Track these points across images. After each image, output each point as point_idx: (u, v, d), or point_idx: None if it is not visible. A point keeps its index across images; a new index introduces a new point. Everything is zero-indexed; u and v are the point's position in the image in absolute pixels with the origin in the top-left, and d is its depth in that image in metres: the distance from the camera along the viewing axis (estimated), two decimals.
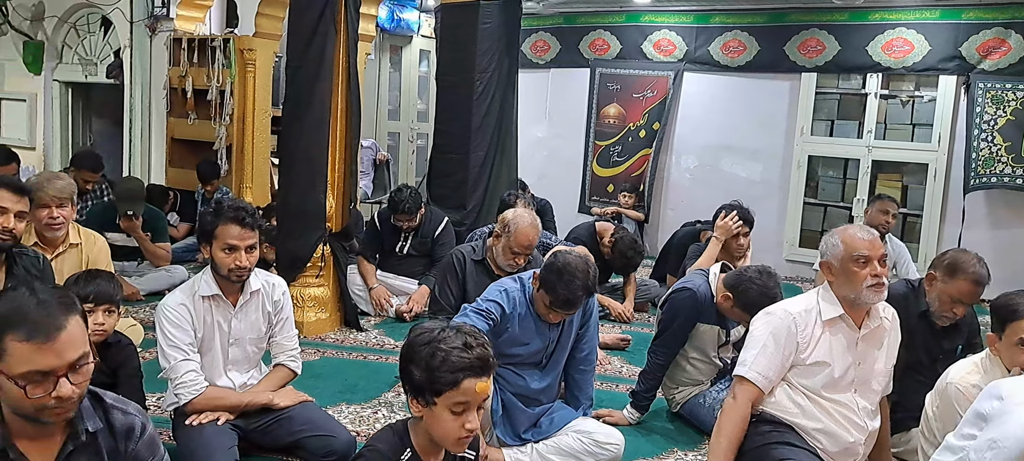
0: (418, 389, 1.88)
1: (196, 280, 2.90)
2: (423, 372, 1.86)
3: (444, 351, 1.84)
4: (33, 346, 1.54)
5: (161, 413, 3.20)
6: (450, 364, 1.83)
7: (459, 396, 1.84)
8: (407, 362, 1.92)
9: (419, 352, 1.88)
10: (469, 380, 1.84)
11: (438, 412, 1.86)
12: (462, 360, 1.84)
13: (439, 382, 1.84)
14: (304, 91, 4.57)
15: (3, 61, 8.54)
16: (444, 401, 1.85)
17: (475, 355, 1.86)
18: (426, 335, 1.90)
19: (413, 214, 5.22)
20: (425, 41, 9.56)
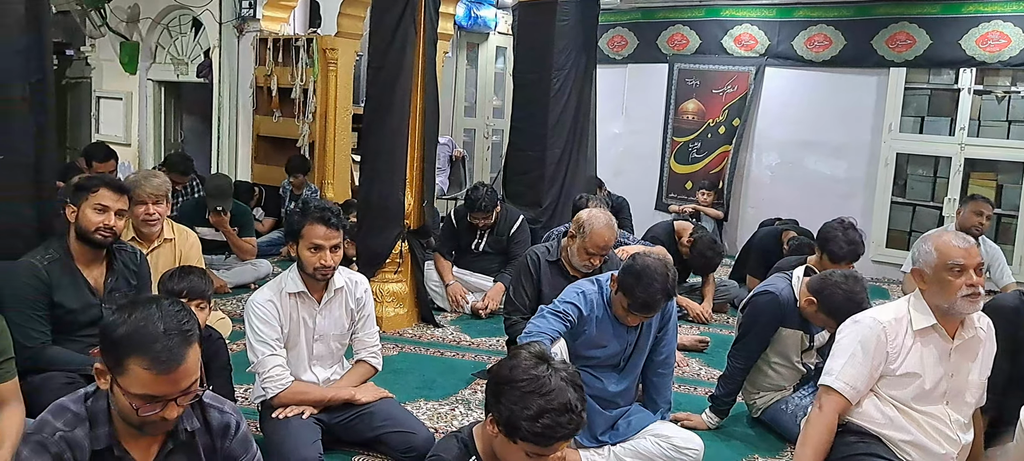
0: (503, 419, 1.86)
1: (283, 277, 2.98)
2: (514, 415, 1.83)
3: (549, 416, 1.81)
4: (152, 375, 1.64)
5: (249, 405, 3.32)
6: (549, 434, 1.81)
7: (543, 451, 1.85)
8: (501, 386, 1.89)
9: (516, 390, 1.85)
10: (557, 443, 1.84)
11: (514, 451, 1.87)
12: (559, 432, 1.82)
13: (529, 436, 1.82)
14: (385, 92, 4.65)
15: (102, 61, 8.97)
16: (525, 446, 1.85)
17: (573, 427, 1.83)
18: (531, 384, 1.85)
19: (489, 212, 5.26)
20: (502, 38, 9.61)
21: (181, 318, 1.69)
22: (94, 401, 1.77)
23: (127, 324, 1.65)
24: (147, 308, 1.68)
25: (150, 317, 1.66)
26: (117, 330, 1.66)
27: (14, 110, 3.27)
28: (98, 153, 5.80)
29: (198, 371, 1.74)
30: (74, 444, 1.72)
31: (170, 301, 1.74)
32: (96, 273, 3.13)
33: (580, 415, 1.85)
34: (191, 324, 1.71)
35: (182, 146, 9.09)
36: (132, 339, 1.64)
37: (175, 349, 1.65)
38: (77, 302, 3.05)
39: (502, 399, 1.87)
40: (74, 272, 3.06)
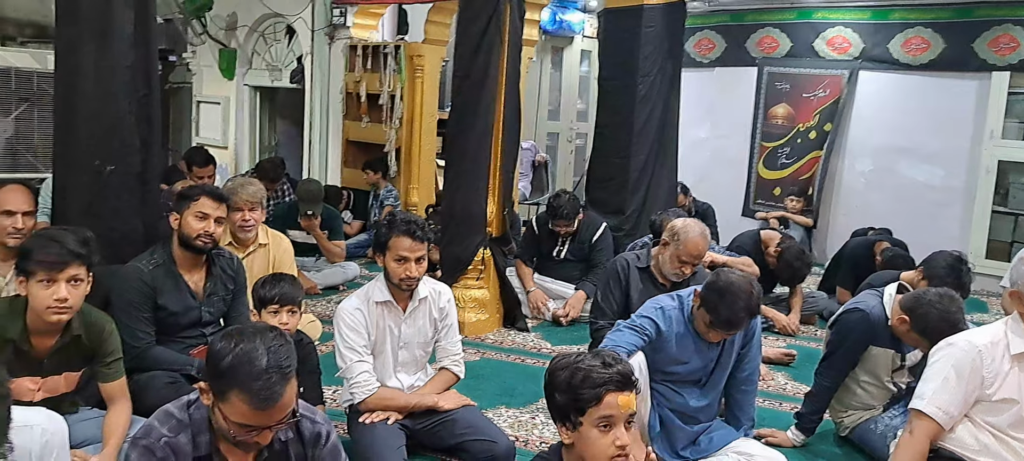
0: (563, 413, 1.90)
1: (370, 287, 3.07)
2: (565, 393, 1.88)
3: (584, 370, 1.87)
4: (252, 410, 1.73)
5: (337, 407, 3.43)
6: (591, 380, 1.85)
7: (603, 411, 1.84)
8: (550, 390, 1.95)
9: (559, 376, 1.91)
10: (611, 394, 1.85)
11: (586, 432, 1.87)
12: (603, 375, 1.86)
13: (582, 399, 1.86)
14: (470, 100, 4.71)
15: (202, 67, 9.38)
16: (589, 419, 1.86)
17: (616, 371, 1.87)
18: (564, 361, 1.94)
19: (571, 220, 5.26)
20: (587, 41, 9.59)
21: (281, 354, 1.77)
22: (195, 409, 1.88)
23: (232, 355, 1.74)
24: (252, 340, 1.77)
25: (254, 351, 1.74)
26: (223, 360, 1.75)
27: (123, 124, 3.48)
28: (198, 158, 6.07)
29: (294, 402, 1.82)
30: (177, 450, 1.83)
31: (274, 335, 1.81)
32: (197, 277, 3.30)
33: (624, 364, 1.91)
34: (290, 360, 1.78)
35: (276, 150, 9.42)
36: (236, 373, 1.73)
37: (274, 387, 1.73)
38: (179, 305, 3.22)
39: (553, 394, 1.92)
40: (176, 276, 3.23)
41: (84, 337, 2.62)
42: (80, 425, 2.73)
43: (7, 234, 3.21)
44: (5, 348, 2.47)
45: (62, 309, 2.45)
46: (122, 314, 3.05)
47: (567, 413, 1.89)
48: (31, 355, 2.54)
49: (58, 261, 2.42)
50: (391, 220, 3.00)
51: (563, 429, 1.92)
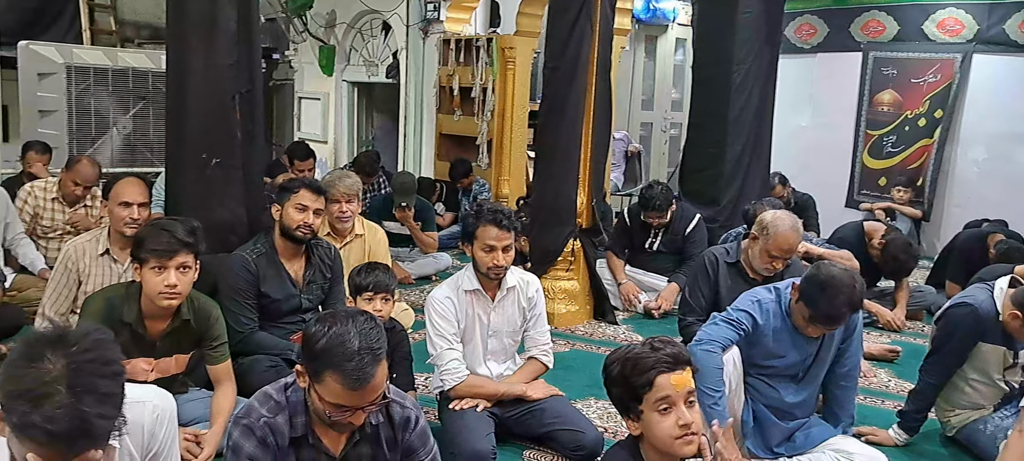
0: (623, 405, 1.92)
1: (460, 275, 3.12)
2: (620, 385, 1.91)
3: (632, 358, 1.90)
4: (345, 390, 1.80)
5: (428, 393, 3.50)
6: (640, 366, 1.87)
7: (658, 393, 1.85)
8: (607, 387, 1.97)
9: (612, 371, 1.94)
10: (662, 376, 1.85)
11: (648, 418, 1.88)
12: (651, 359, 1.87)
13: (636, 387, 1.87)
14: (560, 92, 4.71)
15: (303, 64, 9.70)
16: (648, 405, 1.87)
17: (665, 352, 1.88)
18: (615, 354, 1.97)
19: (664, 211, 5.19)
20: (681, 29, 9.43)
21: (372, 337, 1.82)
22: (293, 392, 1.96)
23: (326, 338, 1.80)
24: (345, 324, 1.83)
25: (347, 334, 1.80)
26: (318, 342, 1.81)
27: (228, 119, 3.65)
28: (299, 152, 6.30)
29: (385, 385, 1.88)
30: (276, 430, 1.92)
31: (365, 318, 1.87)
32: (297, 266, 3.44)
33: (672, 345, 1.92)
34: (381, 343, 1.84)
35: (372, 143, 9.67)
36: (330, 354, 1.79)
37: (366, 368, 1.79)
38: (280, 292, 3.36)
39: (611, 390, 1.95)
40: (278, 265, 3.37)
41: (193, 322, 2.77)
42: (189, 404, 2.89)
43: (124, 224, 3.41)
44: (122, 331, 2.64)
45: (172, 295, 2.59)
46: (227, 300, 3.21)
47: (627, 405, 1.91)
48: (145, 338, 2.70)
49: (168, 249, 2.56)
50: (478, 209, 3.05)
51: (630, 422, 1.94)
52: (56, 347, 1.39)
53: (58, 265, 3.45)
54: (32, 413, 1.33)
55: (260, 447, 1.90)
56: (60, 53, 6.36)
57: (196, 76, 3.61)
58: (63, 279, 3.40)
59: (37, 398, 1.34)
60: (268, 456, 1.92)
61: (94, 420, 1.37)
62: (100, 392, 1.38)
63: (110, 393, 1.40)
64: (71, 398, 1.35)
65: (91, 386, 1.37)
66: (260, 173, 4.09)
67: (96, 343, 1.42)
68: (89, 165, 4.74)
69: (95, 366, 1.39)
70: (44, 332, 1.43)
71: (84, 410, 1.35)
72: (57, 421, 1.33)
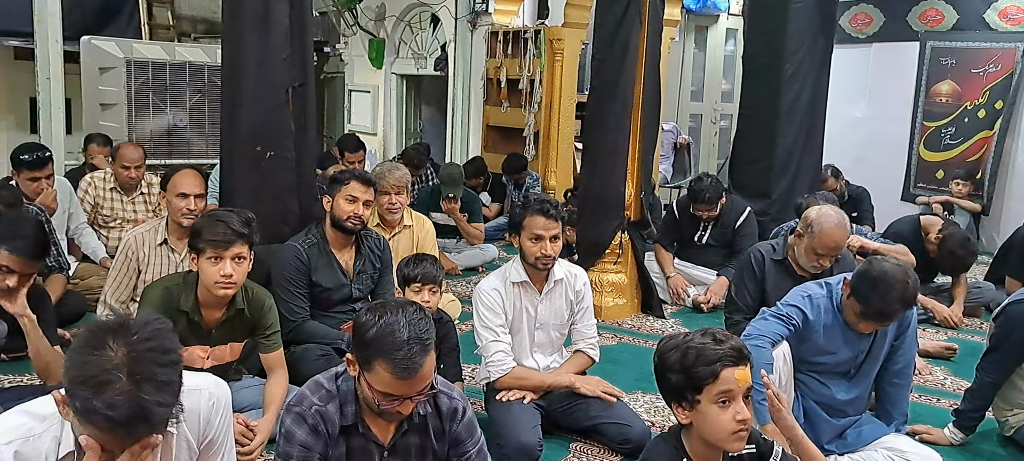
0: (678, 392, 1.91)
1: (507, 267, 3.14)
2: (679, 373, 1.90)
3: (696, 347, 1.89)
4: (394, 379, 1.83)
5: (475, 384, 3.53)
6: (706, 357, 1.86)
7: (722, 386, 1.85)
8: (661, 371, 1.96)
9: (670, 357, 1.93)
10: (728, 369, 1.85)
11: (704, 409, 1.88)
12: (717, 351, 1.87)
13: (698, 377, 1.86)
14: (608, 84, 4.69)
15: (353, 57, 9.82)
16: (707, 396, 1.86)
17: (729, 346, 1.88)
18: (672, 341, 1.96)
19: (713, 204, 5.14)
20: (733, 19, 9.30)
21: (421, 328, 1.85)
22: (343, 381, 2.00)
23: (376, 328, 1.84)
24: (395, 314, 1.86)
25: (396, 324, 1.83)
26: (368, 331, 1.85)
27: (281, 112, 3.72)
28: (350, 144, 6.38)
29: (432, 375, 1.90)
30: (327, 418, 1.96)
31: (415, 309, 1.90)
32: (347, 256, 3.49)
33: (734, 339, 1.93)
34: (429, 333, 1.87)
35: (421, 135, 9.75)
36: (380, 343, 1.82)
37: (415, 358, 1.82)
38: (331, 282, 3.42)
39: (666, 375, 1.94)
40: (329, 255, 3.43)
41: (247, 311, 2.84)
42: (243, 391, 2.96)
43: (181, 214, 3.51)
44: (180, 319, 2.71)
45: (227, 284, 2.66)
46: (280, 290, 3.28)
47: (683, 393, 1.90)
48: (201, 326, 2.78)
49: (224, 240, 2.62)
50: (525, 200, 3.06)
51: (679, 409, 1.93)
52: (118, 336, 1.44)
53: (119, 254, 3.57)
54: (94, 399, 1.39)
55: (312, 434, 1.95)
56: (120, 48, 6.55)
57: (250, 70, 3.69)
58: (123, 268, 3.51)
59: (99, 385, 1.39)
60: (319, 444, 1.96)
61: (152, 407, 1.42)
62: (158, 380, 1.43)
63: (168, 381, 1.45)
64: (131, 385, 1.40)
65: (150, 374, 1.42)
66: (312, 165, 4.17)
67: (155, 332, 1.47)
68: (131, 147, 4.98)
69: (154, 354, 1.44)
70: (106, 321, 1.49)
71: (143, 397, 1.40)
72: (117, 408, 1.39)
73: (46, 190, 4.36)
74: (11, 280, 2.74)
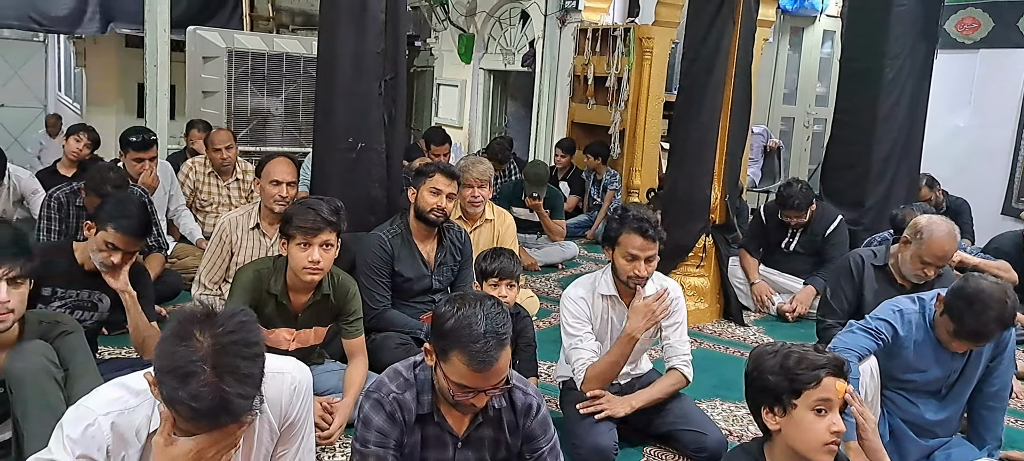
0: (774, 395, 1.89)
1: (597, 277, 3.04)
2: (778, 375, 1.88)
3: (798, 353, 1.89)
4: (469, 370, 1.86)
5: (550, 381, 3.54)
6: (809, 362, 1.86)
7: (822, 393, 1.84)
8: (757, 373, 1.94)
9: (768, 360, 1.92)
10: (830, 377, 1.85)
11: (799, 416, 1.85)
12: (820, 358, 1.87)
13: (799, 381, 1.85)
14: (697, 84, 4.62)
15: (442, 52, 9.96)
16: (805, 401, 1.85)
17: (831, 356, 1.88)
18: (770, 347, 1.95)
19: (803, 211, 5.00)
20: (830, 21, 9.01)
21: (499, 321, 1.88)
22: (421, 370, 2.04)
23: (454, 319, 1.87)
24: (473, 306, 1.89)
25: (474, 316, 1.86)
26: (446, 323, 1.88)
27: (372, 104, 3.81)
28: (436, 137, 6.48)
29: (508, 369, 1.92)
30: (403, 406, 2.01)
31: (492, 302, 1.93)
32: (429, 247, 3.56)
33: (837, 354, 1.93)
34: (506, 328, 1.89)
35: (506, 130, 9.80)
36: (457, 334, 1.86)
37: (491, 351, 1.84)
38: (413, 272, 3.49)
39: (763, 376, 1.92)
40: (412, 246, 3.50)
41: (332, 296, 2.92)
42: (325, 376, 3.05)
43: (274, 201, 3.64)
44: (268, 301, 2.82)
45: (315, 270, 2.74)
46: (364, 278, 3.36)
47: (779, 396, 1.88)
48: (289, 309, 2.88)
49: (313, 227, 2.70)
50: (623, 215, 2.92)
51: (770, 415, 1.91)
52: (204, 327, 1.51)
53: (214, 237, 3.72)
54: (179, 389, 1.47)
55: (388, 421, 2.00)
56: (223, 38, 6.82)
57: (345, 62, 3.79)
58: (218, 250, 3.67)
59: (185, 376, 1.47)
60: (395, 430, 2.00)
61: (234, 399, 1.49)
62: (241, 372, 1.50)
63: (249, 374, 1.52)
64: (215, 377, 1.47)
65: (233, 367, 1.49)
66: (399, 156, 4.25)
67: (240, 325, 1.54)
68: (221, 131, 5.27)
69: (238, 348, 1.51)
70: (194, 310, 1.55)
71: (225, 389, 1.48)
72: (201, 398, 1.47)
73: (149, 170, 4.59)
74: (116, 257, 2.90)
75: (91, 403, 1.68)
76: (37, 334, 2.18)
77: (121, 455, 1.67)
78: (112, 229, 2.85)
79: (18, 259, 2.06)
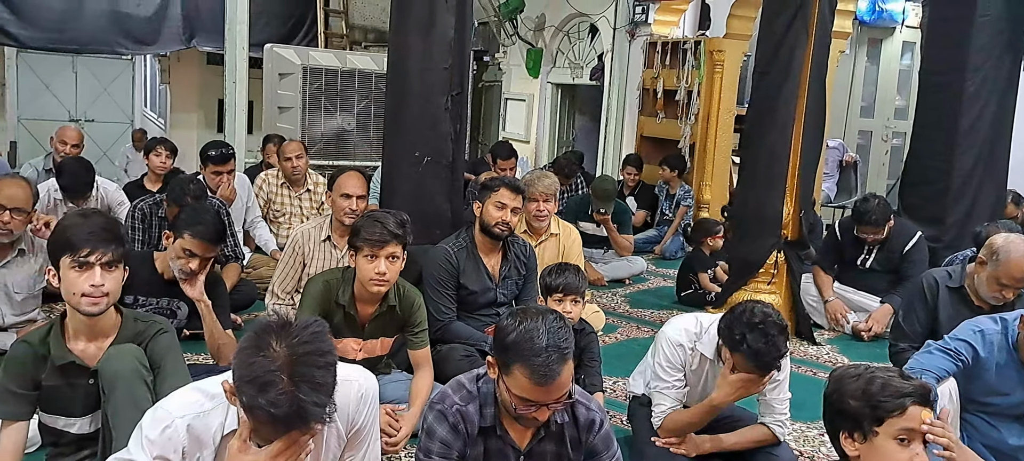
0: (855, 421, 1.84)
1: (701, 331, 2.79)
2: (860, 400, 1.83)
3: (882, 378, 1.83)
4: (531, 384, 1.87)
5: (615, 397, 3.51)
6: (894, 389, 1.80)
7: (906, 422, 1.78)
8: (838, 396, 1.89)
9: (850, 384, 1.86)
10: (915, 406, 1.79)
11: (880, 444, 1.80)
12: (906, 386, 1.81)
13: (882, 408, 1.80)
14: (769, 98, 4.54)
15: (511, 66, 10.04)
16: (888, 429, 1.79)
17: (917, 384, 1.82)
18: (852, 369, 1.89)
19: (880, 227, 4.83)
20: (910, 32, 8.74)
21: (560, 336, 1.88)
22: (484, 383, 2.06)
23: (516, 333, 1.89)
24: (535, 320, 1.90)
25: (536, 331, 1.87)
26: (508, 336, 1.90)
27: (438, 119, 3.87)
28: (502, 151, 6.52)
29: (570, 384, 1.92)
30: (467, 418, 2.02)
31: (555, 317, 1.93)
32: (494, 261, 3.58)
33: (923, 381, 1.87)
34: (568, 343, 1.89)
35: (573, 144, 9.81)
36: (518, 348, 1.87)
37: (553, 365, 1.85)
38: (478, 285, 3.52)
39: (843, 399, 1.87)
40: (477, 259, 3.53)
41: (398, 308, 2.97)
42: (391, 385, 3.10)
43: (344, 213, 3.72)
44: (336, 311, 2.88)
45: (381, 281, 2.79)
46: (430, 290, 3.40)
47: (860, 422, 1.83)
48: (356, 320, 2.93)
49: (379, 240, 2.75)
50: (743, 337, 2.52)
51: (849, 440, 1.87)
52: (280, 337, 1.58)
53: (287, 248, 3.83)
54: (258, 397, 1.54)
55: (452, 433, 2.01)
56: (298, 55, 7.02)
57: (414, 78, 3.86)
58: (291, 261, 3.76)
59: (263, 385, 1.53)
60: (459, 442, 2.02)
61: (309, 407, 1.55)
62: (315, 381, 1.56)
63: (323, 382, 1.58)
64: (291, 386, 1.53)
65: (308, 376, 1.55)
66: (464, 170, 4.30)
67: (314, 335, 1.60)
68: (292, 142, 5.45)
69: (312, 357, 1.57)
70: (271, 322, 1.62)
71: (301, 398, 1.54)
72: (279, 406, 1.53)
73: (227, 183, 4.76)
74: (193, 263, 3.02)
75: (169, 406, 1.76)
76: (133, 331, 2.28)
77: (196, 456, 1.74)
78: (189, 235, 2.98)
79: (111, 245, 2.16)
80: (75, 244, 2.12)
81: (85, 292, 2.11)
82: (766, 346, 2.46)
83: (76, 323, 2.21)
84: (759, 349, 2.47)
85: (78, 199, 4.46)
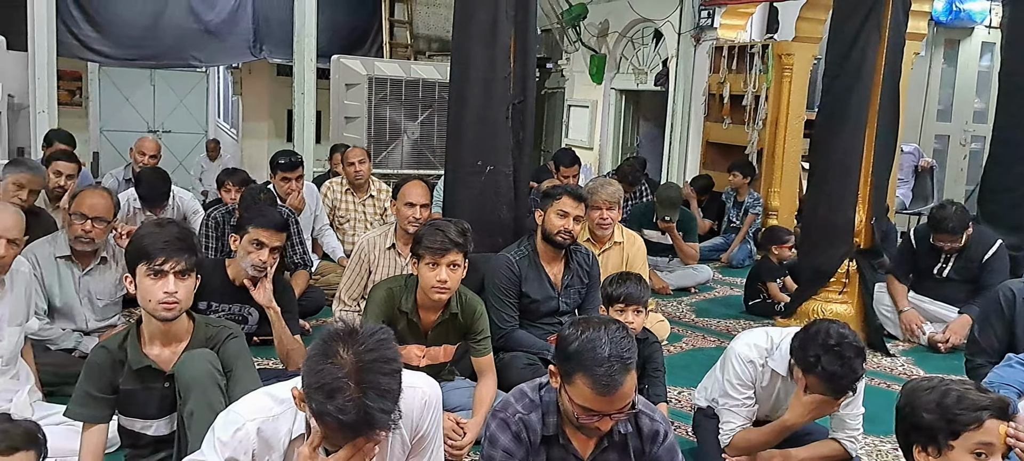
0: (929, 435, 1.80)
1: (773, 350, 2.73)
2: (936, 414, 1.79)
3: (958, 391, 1.79)
4: (593, 394, 1.86)
5: (680, 407, 3.46)
6: (971, 402, 1.76)
7: (982, 436, 1.74)
8: (911, 409, 1.85)
9: (924, 397, 1.82)
10: (993, 421, 1.75)
11: (956, 457, 1.77)
12: (983, 399, 1.77)
13: (959, 421, 1.76)
14: (839, 102, 4.42)
15: (574, 73, 10.01)
16: (964, 443, 1.75)
17: (995, 397, 1.78)
18: (926, 382, 1.85)
19: (957, 234, 4.65)
20: (990, 32, 8.41)
21: (623, 346, 1.87)
22: (547, 392, 2.05)
23: (579, 341, 1.88)
24: (597, 330, 1.89)
25: (598, 340, 1.86)
26: (570, 345, 1.89)
27: (500, 127, 3.88)
28: (565, 159, 6.50)
29: (633, 394, 1.90)
30: (529, 426, 2.02)
31: (617, 327, 1.92)
32: (556, 269, 3.57)
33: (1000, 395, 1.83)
34: (631, 353, 1.88)
35: (637, 150, 9.72)
36: (581, 357, 1.86)
37: (615, 375, 1.83)
38: (540, 294, 3.51)
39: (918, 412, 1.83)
40: (539, 268, 3.52)
41: (460, 315, 2.98)
42: (454, 392, 3.12)
43: (408, 222, 3.77)
44: (400, 319, 2.91)
45: (442, 289, 2.81)
46: (492, 298, 3.41)
47: (934, 435, 1.79)
48: (419, 327, 2.96)
49: (441, 248, 2.78)
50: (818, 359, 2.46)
51: (923, 454, 1.83)
52: (347, 344, 1.61)
53: (353, 255, 3.90)
54: (327, 403, 1.57)
55: (514, 441, 2.01)
56: (364, 66, 7.15)
57: (475, 87, 3.89)
58: (357, 268, 3.83)
59: (331, 392, 1.57)
60: (521, 451, 2.02)
61: (376, 413, 1.57)
62: (382, 388, 1.59)
63: (389, 389, 1.60)
64: (359, 393, 1.56)
65: (375, 383, 1.58)
66: (527, 179, 4.30)
67: (380, 342, 1.63)
68: (355, 148, 5.53)
69: (378, 364, 1.60)
70: (338, 329, 1.66)
71: (368, 404, 1.57)
72: (346, 412, 1.56)
73: (296, 191, 4.87)
74: (263, 254, 3.12)
75: (240, 409, 1.81)
76: (205, 336, 2.36)
77: (265, 459, 1.78)
78: (253, 227, 3.13)
79: (184, 254, 2.23)
80: (151, 253, 2.20)
81: (160, 299, 2.19)
82: (842, 369, 2.41)
83: (151, 328, 2.29)
84: (834, 372, 2.41)
85: (156, 208, 4.63)
